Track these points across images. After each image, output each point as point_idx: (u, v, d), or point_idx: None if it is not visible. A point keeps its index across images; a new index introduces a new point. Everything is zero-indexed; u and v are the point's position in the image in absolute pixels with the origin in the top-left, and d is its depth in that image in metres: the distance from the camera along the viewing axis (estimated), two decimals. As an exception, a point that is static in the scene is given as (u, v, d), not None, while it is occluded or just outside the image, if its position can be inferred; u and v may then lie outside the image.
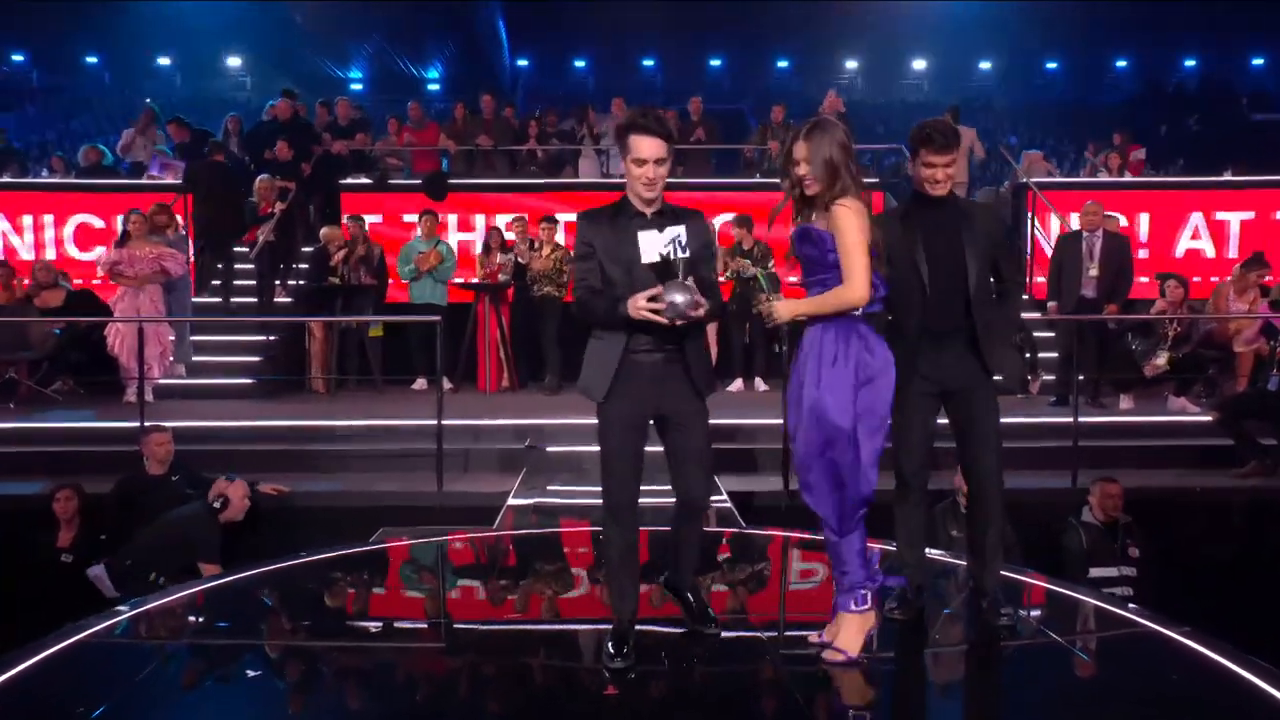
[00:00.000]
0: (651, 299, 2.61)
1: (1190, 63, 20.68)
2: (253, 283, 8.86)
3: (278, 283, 8.93)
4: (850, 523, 2.71)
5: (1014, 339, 3.08)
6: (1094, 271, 7.01)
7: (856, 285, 2.66)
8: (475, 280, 8.22)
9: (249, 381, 7.85)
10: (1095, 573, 4.99)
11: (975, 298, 3.03)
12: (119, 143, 10.45)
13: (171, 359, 7.72)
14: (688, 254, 2.67)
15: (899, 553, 3.20)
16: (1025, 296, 8.55)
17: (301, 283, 8.87)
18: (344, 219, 8.56)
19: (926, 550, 3.30)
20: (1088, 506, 5.18)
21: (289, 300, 8.94)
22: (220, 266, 9.11)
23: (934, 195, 3.05)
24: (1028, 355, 7.63)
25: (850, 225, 2.68)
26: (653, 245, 2.66)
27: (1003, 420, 3.17)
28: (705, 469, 2.84)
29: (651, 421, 2.80)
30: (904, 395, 2.96)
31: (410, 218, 9.08)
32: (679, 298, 2.58)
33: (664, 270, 2.66)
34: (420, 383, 8.12)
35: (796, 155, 2.73)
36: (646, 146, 2.67)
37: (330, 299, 8.13)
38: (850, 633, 2.75)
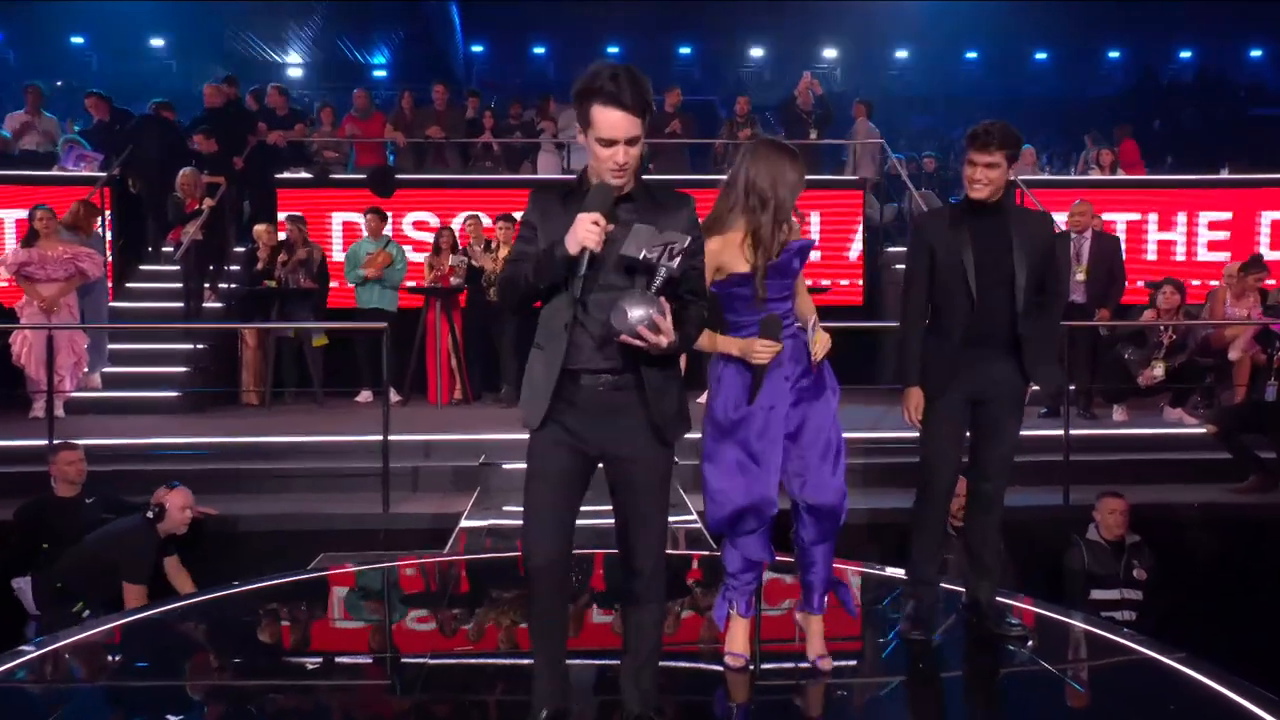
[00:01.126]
0: (590, 247, 2.21)
1: (1186, 54, 21.14)
2: (178, 285, 8.74)
3: (207, 286, 8.83)
4: (840, 522, 2.97)
5: (1057, 352, 3.33)
6: (1080, 275, 7.16)
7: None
8: (425, 284, 8.20)
9: (174, 394, 7.75)
10: (1096, 595, 5.09)
11: (1022, 310, 3.16)
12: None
13: (86, 370, 7.58)
14: (676, 266, 2.26)
15: (916, 569, 3.35)
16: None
17: (234, 286, 8.78)
18: (280, 217, 8.48)
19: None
20: (1093, 524, 5.27)
21: (219, 305, 8.85)
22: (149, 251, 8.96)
23: (976, 199, 3.18)
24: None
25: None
26: (644, 239, 2.26)
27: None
28: (655, 538, 2.40)
29: (601, 465, 2.41)
30: (940, 403, 3.20)
31: (353, 216, 9.02)
32: (638, 311, 2.20)
33: (642, 274, 2.29)
34: (365, 395, 8.07)
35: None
36: (616, 123, 2.24)
37: (266, 304, 8.05)
38: (822, 634, 3.05)
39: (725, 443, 2.88)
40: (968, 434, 3.33)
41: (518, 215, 2.55)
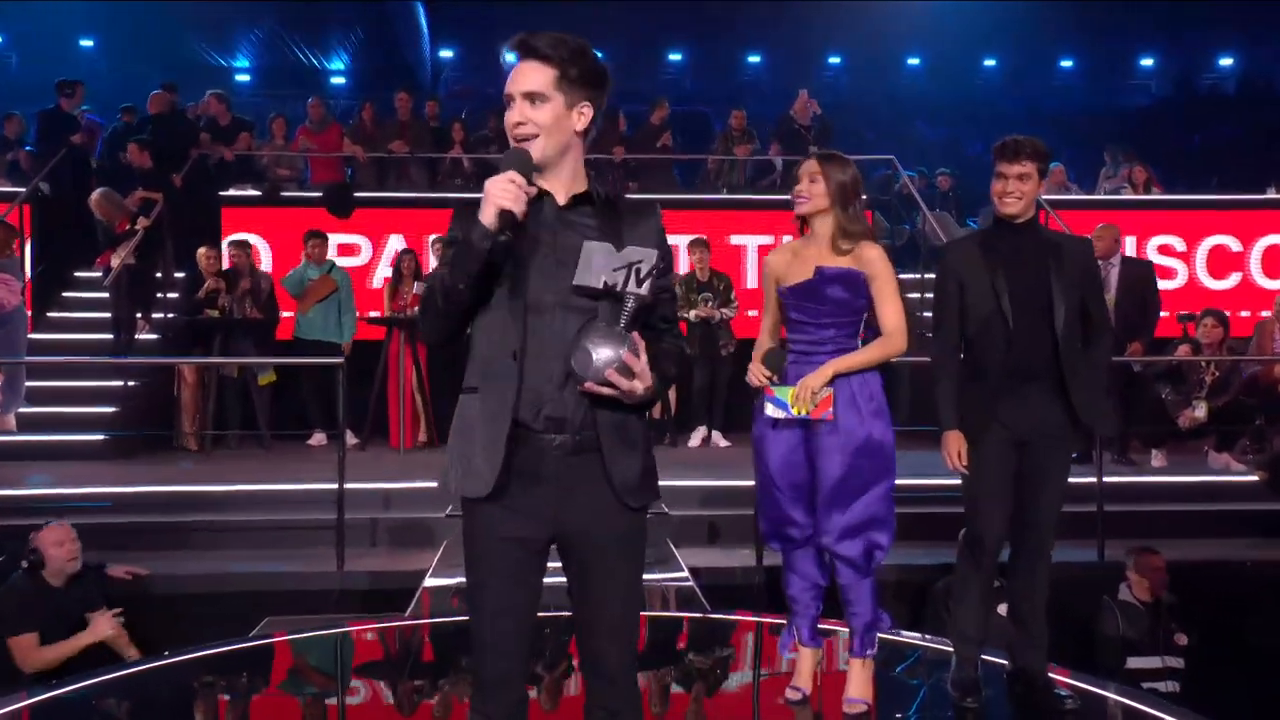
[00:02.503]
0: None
1: (1226, 61, 21.41)
2: (107, 315, 8.72)
3: (139, 316, 8.82)
4: (875, 563, 3.22)
5: (1105, 385, 3.38)
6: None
7: (901, 335, 3.17)
8: (386, 313, 8.21)
9: (99, 438, 7.71)
10: (1134, 663, 5.08)
11: (1064, 339, 3.21)
12: None
13: None
14: (645, 292, 2.06)
15: (960, 629, 3.40)
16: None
17: (170, 316, 8.76)
18: (225, 240, 8.50)
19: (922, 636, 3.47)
20: (1126, 583, 5.28)
21: (154, 338, 8.84)
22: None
23: (1007, 214, 3.26)
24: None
25: (889, 269, 3.14)
26: (601, 263, 2.05)
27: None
28: (625, 638, 2.20)
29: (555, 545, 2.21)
30: (981, 445, 3.27)
31: (309, 239, 9.06)
32: (605, 351, 2.01)
33: (606, 305, 2.09)
34: (317, 437, 8.05)
35: (804, 170, 3.22)
36: (514, 74, 2.12)
37: (207, 336, 8.05)
38: (865, 680, 3.24)
39: (757, 458, 3.30)
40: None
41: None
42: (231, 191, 9.70)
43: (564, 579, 2.21)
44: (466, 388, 2.18)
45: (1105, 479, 6.02)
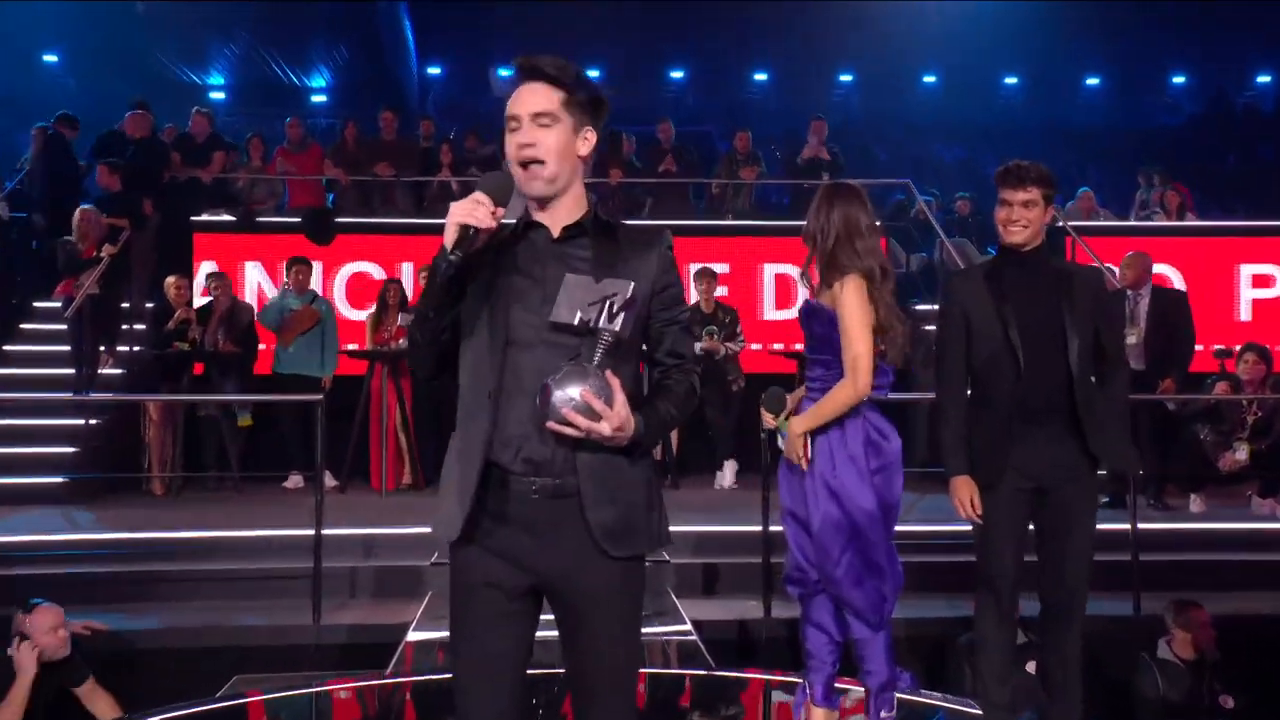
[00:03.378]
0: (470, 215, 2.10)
1: (1264, 78, 21.57)
2: (67, 349, 8.72)
3: (103, 350, 8.83)
4: (884, 614, 3.24)
5: (1125, 423, 3.39)
6: (1133, 339, 7.19)
7: (857, 379, 3.15)
8: (369, 347, 8.23)
9: (59, 481, 7.70)
10: (1178, 728, 5.04)
11: (1078, 373, 3.23)
12: None
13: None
14: (618, 327, 2.05)
15: (986, 693, 3.39)
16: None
17: (137, 350, 8.77)
18: (200, 272, 8.55)
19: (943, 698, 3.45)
20: (1166, 640, 5.24)
21: (118, 373, 8.84)
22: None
23: (1013, 243, 3.31)
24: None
25: (856, 300, 3.15)
26: (577, 297, 2.07)
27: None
28: (619, 694, 2.19)
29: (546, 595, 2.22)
30: (994, 493, 3.28)
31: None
32: (565, 391, 2.02)
33: (589, 341, 2.10)
34: (294, 480, 8.03)
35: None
36: (519, 94, 2.18)
37: (176, 372, 8.05)
38: None
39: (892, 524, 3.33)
40: (1030, 529, 3.38)
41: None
42: (204, 216, 9.75)
43: (558, 632, 2.21)
44: (454, 428, 2.22)
45: (1140, 525, 6.00)
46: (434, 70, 21.23)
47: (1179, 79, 21.83)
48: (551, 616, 2.23)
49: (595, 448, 2.09)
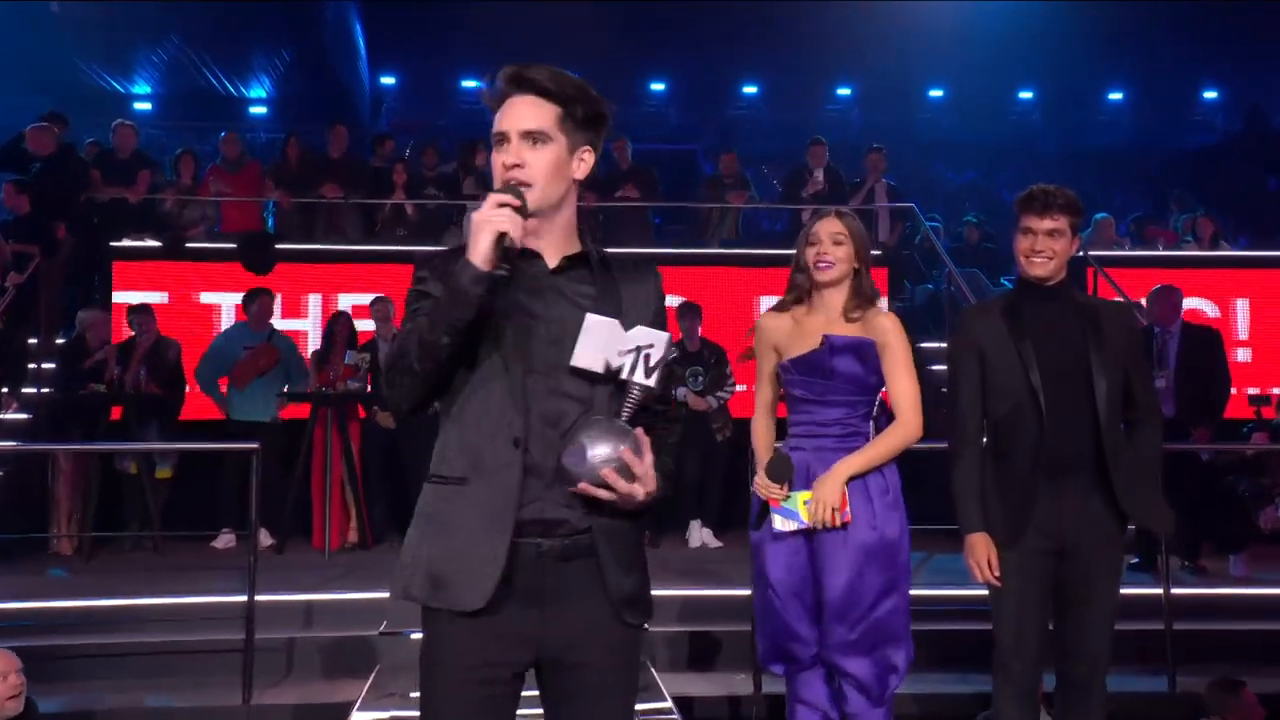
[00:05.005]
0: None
1: (1306, 93, 21.88)
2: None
3: (5, 391, 8.76)
4: (890, 688, 3.29)
5: (1159, 477, 3.38)
6: (1162, 382, 7.20)
7: (916, 417, 3.31)
8: (312, 389, 8.20)
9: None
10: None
11: (1106, 421, 3.25)
12: None
13: None
14: (654, 383, 2.10)
15: None
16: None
17: (46, 391, 8.71)
18: (117, 300, 8.50)
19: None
20: None
21: (24, 418, 8.77)
22: None
23: (1035, 276, 3.34)
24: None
25: (904, 339, 3.32)
26: (603, 342, 2.09)
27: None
28: None
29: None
30: (1014, 555, 3.29)
31: (213, 298, 9.05)
32: (602, 449, 2.03)
33: (603, 391, 2.14)
34: (225, 539, 7.96)
35: (825, 231, 3.41)
36: (507, 109, 2.18)
37: (90, 417, 7.98)
38: None
39: (756, 567, 3.45)
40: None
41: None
42: (126, 242, 9.70)
43: (538, 710, 2.22)
44: (443, 477, 2.19)
45: (1174, 591, 6.00)
46: (388, 80, 21.30)
47: (1210, 94, 22.08)
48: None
49: (608, 509, 2.11)
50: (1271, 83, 21.15)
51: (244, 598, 5.61)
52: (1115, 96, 22.06)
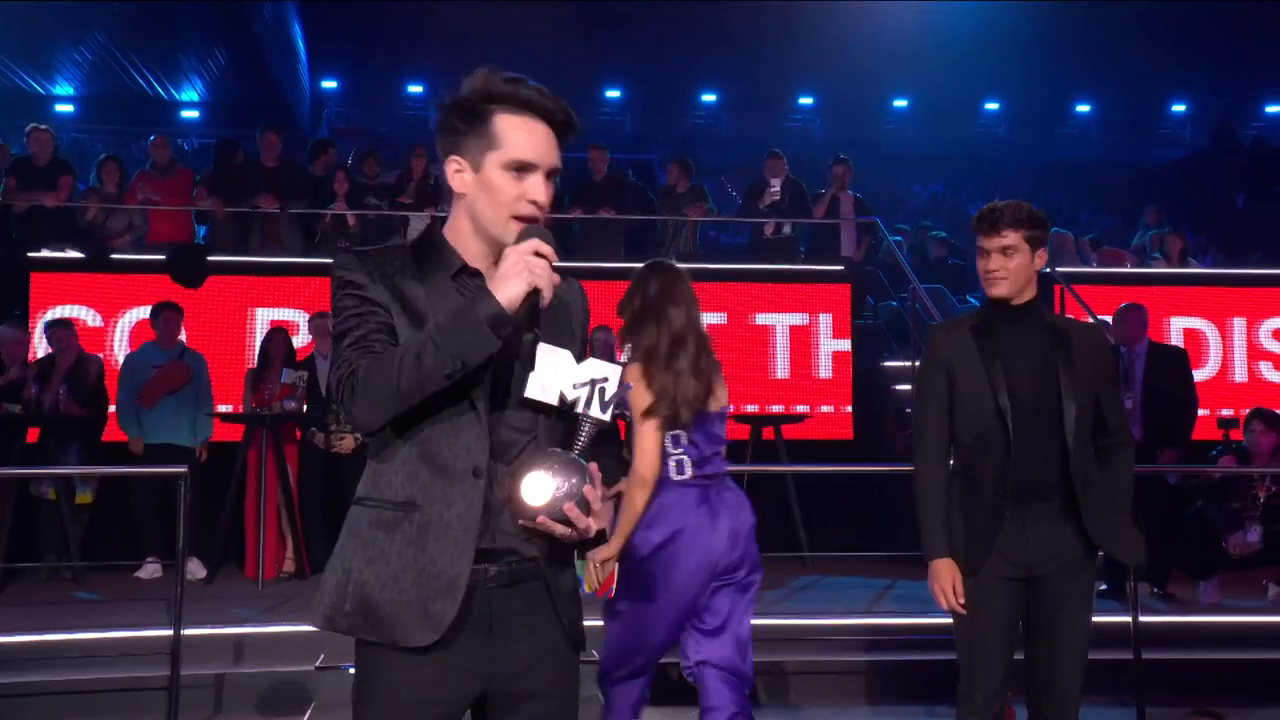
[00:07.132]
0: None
1: (1275, 108, 22.30)
2: None
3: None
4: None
5: (1130, 505, 3.39)
6: (1128, 403, 7.30)
7: (639, 471, 3.74)
8: (245, 409, 8.14)
9: None
10: None
11: (1075, 447, 3.29)
12: None
13: None
14: (608, 417, 2.13)
15: None
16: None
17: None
18: (35, 314, 8.41)
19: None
20: None
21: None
22: None
23: (996, 295, 3.38)
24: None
25: (636, 388, 3.69)
26: (558, 375, 2.14)
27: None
28: None
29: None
30: (980, 582, 3.30)
31: (140, 313, 8.96)
32: (560, 481, 2.05)
33: (549, 422, 2.20)
34: (150, 569, 7.87)
35: None
36: (541, 139, 2.14)
37: (5, 439, 7.88)
38: None
39: None
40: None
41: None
42: (45, 253, 9.59)
43: None
44: (383, 501, 2.14)
45: (1142, 619, 6.04)
46: (329, 84, 21.23)
47: (1179, 107, 22.50)
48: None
49: (557, 539, 2.11)
50: (1240, 98, 21.57)
51: (169, 631, 5.54)
52: (1083, 108, 22.40)
